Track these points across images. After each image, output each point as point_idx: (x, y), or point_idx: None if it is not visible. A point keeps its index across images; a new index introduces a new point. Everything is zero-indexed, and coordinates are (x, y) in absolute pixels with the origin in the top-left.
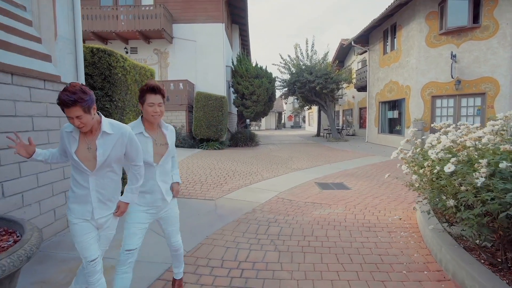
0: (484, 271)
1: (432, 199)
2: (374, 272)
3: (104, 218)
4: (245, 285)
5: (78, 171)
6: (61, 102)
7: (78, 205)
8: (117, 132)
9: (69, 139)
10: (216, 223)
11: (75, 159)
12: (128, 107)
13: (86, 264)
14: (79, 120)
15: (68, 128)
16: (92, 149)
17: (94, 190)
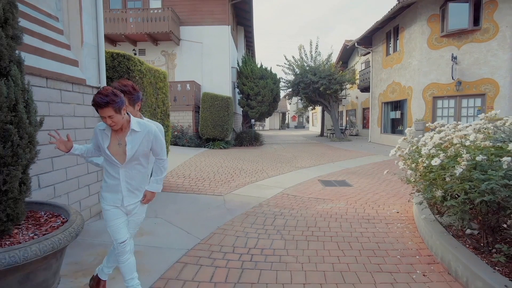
0: (468, 253)
1: (423, 190)
2: (371, 257)
3: (133, 205)
4: (255, 267)
5: (110, 164)
6: (95, 103)
7: (110, 193)
8: (144, 130)
9: (102, 136)
10: (226, 215)
11: (108, 154)
12: (144, 107)
13: (116, 245)
14: (110, 119)
15: (101, 126)
16: (122, 145)
17: (124, 181)
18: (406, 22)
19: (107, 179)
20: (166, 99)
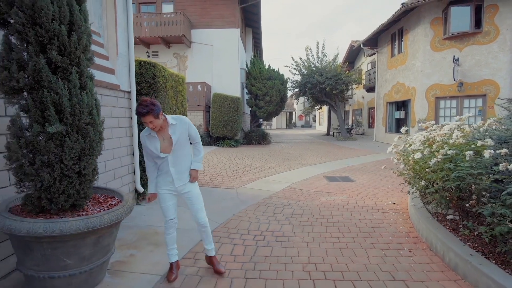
0: (446, 233)
1: (411, 181)
2: (367, 237)
3: (182, 186)
4: (267, 245)
5: (155, 157)
6: (139, 113)
7: (162, 178)
8: (179, 121)
9: (149, 139)
10: (239, 205)
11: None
12: (167, 109)
13: (166, 221)
14: (151, 124)
15: (145, 132)
16: (166, 139)
17: (172, 167)
18: (410, 24)
19: (159, 167)
20: (184, 101)
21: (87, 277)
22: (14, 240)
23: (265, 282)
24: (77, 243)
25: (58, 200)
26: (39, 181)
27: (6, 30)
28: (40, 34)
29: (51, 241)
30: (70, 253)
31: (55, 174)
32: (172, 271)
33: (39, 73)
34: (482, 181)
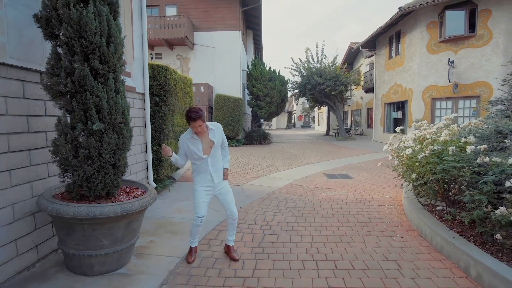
0: (434, 220)
1: (404, 174)
2: (364, 226)
3: (218, 183)
4: (273, 233)
5: (199, 158)
6: (192, 118)
7: (200, 176)
8: (216, 127)
9: (192, 142)
10: (245, 200)
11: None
12: (176, 109)
13: (195, 218)
14: (200, 127)
15: (187, 135)
16: (206, 142)
17: (210, 166)
18: (407, 28)
19: (198, 168)
20: (191, 102)
21: (119, 256)
22: (59, 222)
23: (273, 263)
24: (112, 226)
25: (96, 188)
26: (82, 171)
27: (55, 41)
28: (84, 46)
29: (91, 223)
30: (106, 235)
31: (94, 166)
32: (191, 254)
33: (84, 79)
34: (464, 173)
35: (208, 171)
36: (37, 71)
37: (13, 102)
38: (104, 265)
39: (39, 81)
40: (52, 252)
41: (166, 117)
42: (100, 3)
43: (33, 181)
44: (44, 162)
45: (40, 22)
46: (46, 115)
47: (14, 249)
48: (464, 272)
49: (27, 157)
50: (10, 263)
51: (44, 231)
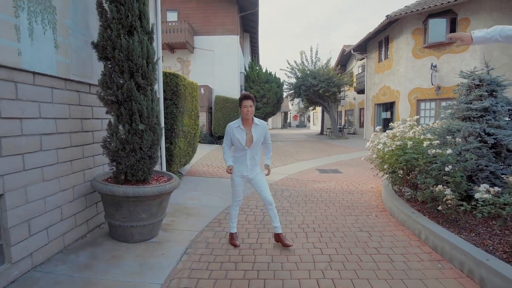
0: (401, 202)
1: (379, 166)
2: (346, 209)
3: (253, 175)
4: None
5: (240, 148)
6: (244, 96)
7: (238, 166)
8: (262, 124)
9: (238, 131)
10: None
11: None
12: (186, 111)
13: (234, 200)
14: (251, 108)
15: (235, 124)
16: (249, 134)
17: (248, 158)
18: (395, 34)
19: (237, 158)
20: (197, 104)
21: (152, 228)
22: (110, 200)
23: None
24: (150, 203)
25: (137, 174)
26: (127, 161)
27: (107, 62)
28: (131, 66)
29: (135, 200)
30: (145, 210)
31: (137, 157)
32: (235, 239)
33: (130, 91)
34: (419, 162)
35: (246, 163)
36: (87, 83)
37: (73, 108)
38: (142, 234)
39: (88, 91)
40: (96, 228)
41: (177, 118)
42: (142, 33)
43: (85, 170)
44: (91, 155)
45: (97, 48)
46: (93, 118)
47: (74, 221)
48: (417, 237)
49: (81, 151)
50: (72, 231)
51: (91, 210)
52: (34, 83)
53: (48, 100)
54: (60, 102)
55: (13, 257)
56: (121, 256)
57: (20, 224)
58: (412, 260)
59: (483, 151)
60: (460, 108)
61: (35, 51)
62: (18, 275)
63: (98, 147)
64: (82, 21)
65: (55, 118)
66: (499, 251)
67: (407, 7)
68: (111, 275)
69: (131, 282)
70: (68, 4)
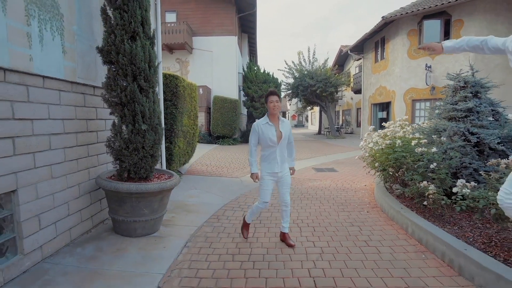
0: (391, 198)
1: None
2: (339, 205)
3: (282, 172)
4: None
5: (269, 145)
6: (271, 92)
7: (268, 164)
8: (286, 121)
9: (267, 128)
10: (244, 188)
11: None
12: (185, 112)
13: (261, 202)
14: (277, 103)
15: (262, 121)
16: (278, 130)
17: (278, 155)
18: (391, 34)
19: (267, 156)
20: (196, 105)
21: (154, 223)
22: (114, 196)
23: (268, 229)
24: (151, 199)
25: (140, 172)
26: (131, 160)
27: (110, 66)
28: (134, 70)
29: (138, 197)
30: (147, 206)
31: (139, 156)
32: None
33: (133, 93)
34: (407, 160)
35: (276, 159)
36: (92, 86)
37: (79, 110)
38: (144, 229)
39: (93, 93)
40: (100, 223)
41: (177, 118)
42: (144, 39)
43: (90, 168)
44: (95, 154)
45: (102, 52)
46: (97, 119)
47: (80, 217)
48: (405, 231)
49: (86, 150)
50: (77, 226)
51: (96, 206)
52: (44, 86)
53: (56, 102)
54: (67, 104)
55: (25, 249)
56: (125, 249)
57: (31, 218)
58: (398, 252)
59: (467, 150)
60: (446, 108)
61: (45, 57)
62: (30, 265)
63: (102, 146)
64: (87, 27)
65: (62, 119)
66: (478, 242)
67: (402, 8)
68: (116, 266)
69: (135, 272)
70: (74, 11)
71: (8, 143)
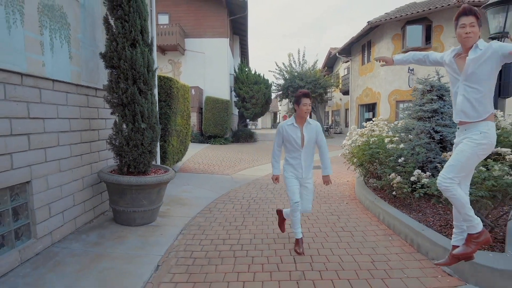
0: (368, 191)
1: (350, 160)
2: (322, 198)
3: (306, 179)
4: (256, 203)
5: (294, 148)
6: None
7: (291, 168)
8: (314, 124)
9: (292, 130)
10: (234, 184)
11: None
12: (178, 112)
13: (292, 204)
14: (309, 106)
15: (288, 122)
16: (302, 133)
17: (303, 160)
18: (376, 38)
19: (289, 159)
20: (189, 105)
21: (151, 214)
22: (115, 188)
23: (256, 218)
24: (150, 191)
25: (139, 166)
26: (131, 155)
27: (112, 70)
28: (134, 74)
29: (137, 189)
30: (146, 197)
31: (139, 152)
32: (300, 245)
33: (133, 95)
34: (380, 155)
35: (301, 165)
36: (94, 88)
37: (83, 110)
38: (142, 219)
39: (95, 94)
40: (101, 214)
41: (171, 118)
42: (143, 46)
43: (92, 163)
44: (97, 150)
45: (105, 58)
46: (99, 118)
47: (83, 207)
48: (377, 219)
49: (89, 146)
50: (81, 216)
51: (97, 198)
52: (53, 88)
53: (63, 103)
54: (73, 105)
55: (38, 234)
56: (125, 236)
57: (43, 206)
58: (369, 235)
59: (431, 146)
60: (415, 109)
61: (55, 62)
62: (41, 249)
63: (103, 143)
64: (90, 34)
65: (69, 118)
66: (436, 225)
67: (387, 14)
68: (119, 249)
69: (136, 254)
70: (79, 20)
71: (24, 139)
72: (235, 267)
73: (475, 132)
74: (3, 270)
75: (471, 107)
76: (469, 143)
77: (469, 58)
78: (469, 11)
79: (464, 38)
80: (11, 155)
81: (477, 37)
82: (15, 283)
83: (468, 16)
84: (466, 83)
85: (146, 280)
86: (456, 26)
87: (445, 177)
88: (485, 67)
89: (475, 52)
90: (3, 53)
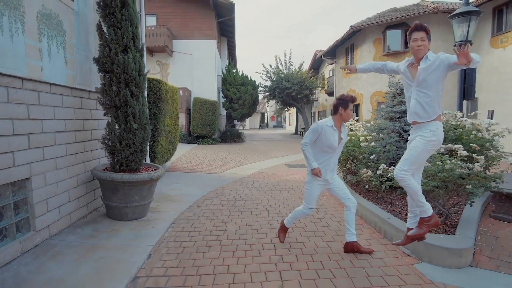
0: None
1: None
2: None
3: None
4: (242, 199)
5: (326, 151)
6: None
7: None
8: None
9: (331, 132)
10: (222, 182)
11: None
12: (167, 113)
13: (306, 208)
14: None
15: (327, 123)
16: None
17: (333, 162)
18: (359, 42)
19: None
20: (177, 106)
21: (142, 209)
22: (108, 185)
23: (241, 212)
24: (141, 187)
25: (131, 164)
26: (123, 154)
27: (105, 74)
28: (126, 78)
29: (129, 185)
30: (137, 193)
31: (131, 150)
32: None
33: (126, 98)
34: (355, 153)
35: (330, 165)
36: (87, 91)
37: (77, 111)
38: (134, 214)
39: (88, 97)
40: (94, 210)
41: (160, 119)
42: (134, 51)
43: (85, 162)
44: (90, 150)
45: (98, 63)
46: (91, 119)
47: (78, 204)
48: None
49: (82, 146)
50: (76, 211)
51: (90, 195)
52: (51, 91)
53: (59, 105)
54: (68, 106)
55: (37, 227)
56: (118, 229)
57: (41, 201)
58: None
59: (401, 144)
60: (387, 111)
61: (52, 67)
62: (40, 241)
63: (95, 143)
64: (84, 40)
65: (64, 119)
66: (402, 215)
67: (368, 18)
68: (113, 241)
69: (129, 245)
70: (74, 27)
71: (25, 139)
72: (221, 253)
73: (425, 131)
74: (6, 259)
75: (422, 109)
76: (421, 140)
77: (420, 67)
78: (420, 27)
79: (416, 50)
80: (13, 153)
81: (427, 49)
82: (17, 271)
83: (419, 32)
84: (418, 88)
85: (139, 266)
86: (409, 40)
87: (401, 169)
88: (434, 75)
89: (425, 62)
90: (7, 60)
